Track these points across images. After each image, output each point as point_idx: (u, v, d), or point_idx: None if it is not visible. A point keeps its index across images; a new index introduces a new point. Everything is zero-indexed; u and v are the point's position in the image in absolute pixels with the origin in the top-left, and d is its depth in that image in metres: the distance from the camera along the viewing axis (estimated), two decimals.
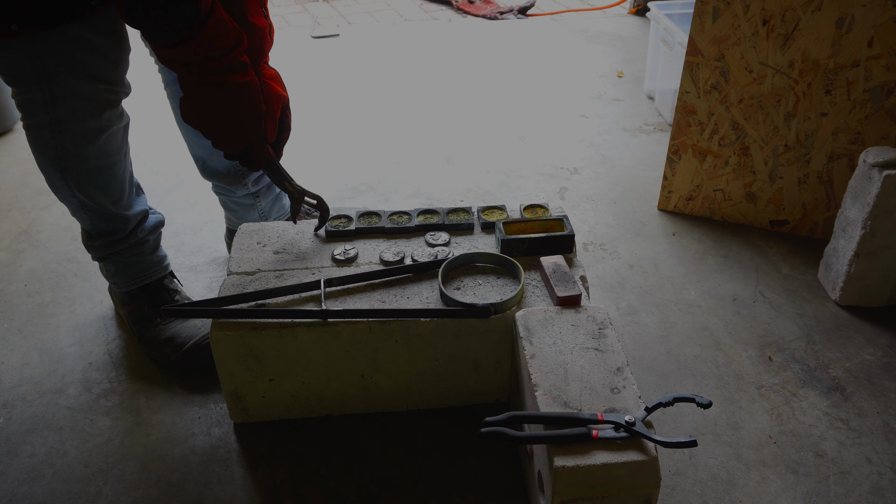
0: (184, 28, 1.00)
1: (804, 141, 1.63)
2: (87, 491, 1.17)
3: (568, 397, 0.99)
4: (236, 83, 1.10)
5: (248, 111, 1.14)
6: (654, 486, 0.92)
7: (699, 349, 1.42)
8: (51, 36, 1.13)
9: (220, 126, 1.15)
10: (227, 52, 1.06)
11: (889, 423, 1.26)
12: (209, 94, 1.10)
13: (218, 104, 1.11)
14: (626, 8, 3.37)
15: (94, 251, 1.40)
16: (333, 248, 1.30)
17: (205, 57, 1.05)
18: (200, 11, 1.00)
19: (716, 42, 1.60)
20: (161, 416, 1.30)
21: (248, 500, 1.14)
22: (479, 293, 1.20)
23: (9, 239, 1.80)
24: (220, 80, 1.08)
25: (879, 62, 1.49)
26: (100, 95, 1.22)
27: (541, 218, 1.32)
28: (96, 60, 1.19)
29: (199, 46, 1.02)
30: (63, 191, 1.29)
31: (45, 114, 1.20)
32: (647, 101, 2.46)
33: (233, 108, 1.12)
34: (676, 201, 1.83)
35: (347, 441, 1.23)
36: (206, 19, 1.01)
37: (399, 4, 3.55)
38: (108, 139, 1.27)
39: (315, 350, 1.18)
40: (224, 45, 1.05)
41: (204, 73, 1.07)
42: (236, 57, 1.08)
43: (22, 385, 1.37)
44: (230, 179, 1.53)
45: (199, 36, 1.01)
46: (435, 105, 2.47)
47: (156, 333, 1.40)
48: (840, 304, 1.52)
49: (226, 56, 1.06)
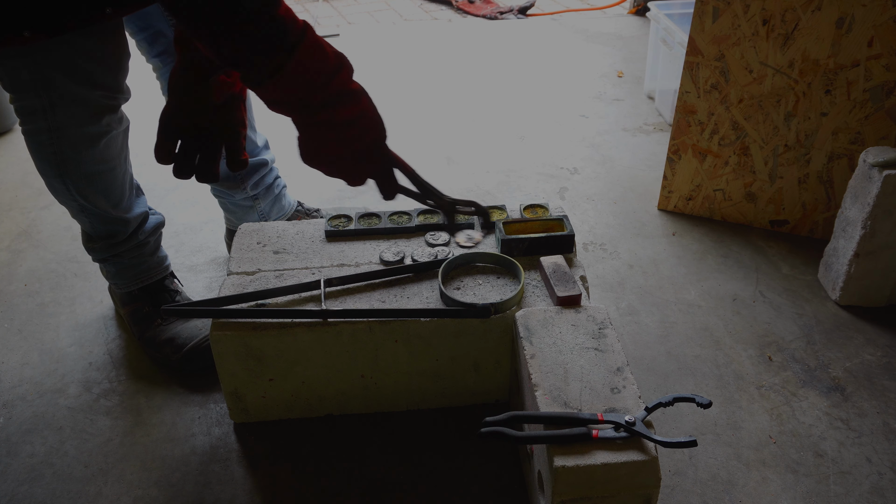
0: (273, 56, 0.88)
1: (804, 141, 1.63)
2: (87, 491, 1.17)
3: (568, 397, 0.99)
4: (348, 118, 0.97)
5: (367, 144, 1.02)
6: (654, 486, 0.92)
7: (699, 349, 1.42)
8: (50, 43, 1.11)
9: (341, 165, 1.03)
10: (329, 80, 0.93)
11: (889, 423, 1.26)
12: (322, 134, 0.98)
13: (333, 143, 0.99)
14: (626, 8, 3.37)
15: (95, 253, 1.40)
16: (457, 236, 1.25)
17: (306, 88, 0.92)
18: (288, 32, 0.88)
19: (716, 42, 1.60)
20: (161, 416, 1.30)
21: (248, 500, 1.14)
22: (479, 293, 1.20)
23: (9, 239, 1.80)
24: (329, 117, 0.95)
25: (879, 62, 1.49)
26: (98, 101, 1.22)
27: (541, 218, 1.32)
28: (95, 67, 1.18)
29: (295, 77, 0.90)
30: (63, 194, 1.29)
31: (44, 120, 1.19)
32: (647, 101, 2.46)
33: (350, 145, 1.00)
34: (676, 201, 1.83)
35: (347, 441, 1.23)
36: (296, 43, 0.89)
37: (399, 4, 3.55)
38: (107, 144, 1.26)
39: (315, 350, 1.18)
40: (324, 72, 0.92)
41: (310, 111, 0.95)
42: (342, 84, 0.95)
43: (22, 385, 1.37)
44: (229, 183, 1.53)
45: (293, 61, 0.88)
46: (435, 105, 2.47)
47: (156, 334, 1.40)
48: (840, 304, 1.52)
49: (329, 84, 0.93)
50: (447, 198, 1.15)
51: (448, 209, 1.18)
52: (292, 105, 0.94)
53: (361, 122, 0.99)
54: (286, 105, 0.94)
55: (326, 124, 0.96)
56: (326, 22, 3.32)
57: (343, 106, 0.96)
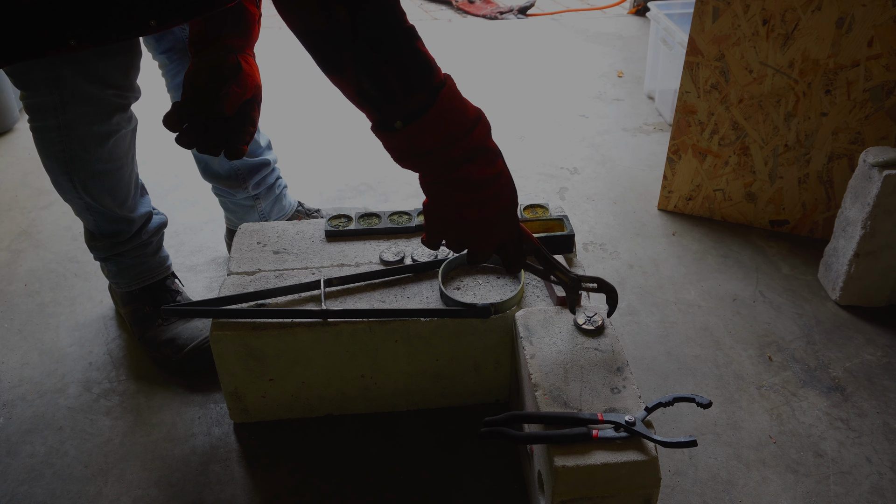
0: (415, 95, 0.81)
1: (804, 141, 1.63)
2: (87, 491, 1.17)
3: (568, 397, 0.99)
4: (487, 177, 0.88)
5: (502, 209, 0.92)
6: (654, 486, 0.92)
7: (699, 349, 1.42)
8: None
9: (470, 234, 0.93)
10: (468, 132, 0.85)
11: (889, 423, 1.26)
12: (455, 194, 0.89)
13: (467, 207, 0.89)
14: (626, 8, 3.37)
15: (98, 251, 1.40)
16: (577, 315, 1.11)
17: (444, 138, 0.84)
18: (434, 74, 0.82)
19: (716, 42, 1.60)
20: (161, 416, 1.30)
21: (248, 500, 1.14)
22: (479, 293, 1.20)
23: (9, 239, 1.80)
24: (467, 174, 0.87)
25: (879, 62, 1.49)
26: (109, 100, 1.22)
27: (541, 218, 1.32)
28: (107, 66, 1.18)
29: (435, 123, 0.83)
30: (69, 192, 1.29)
31: (54, 118, 1.19)
32: (647, 101, 2.46)
33: (484, 209, 0.90)
34: (676, 201, 1.83)
35: (347, 441, 1.23)
36: (440, 86, 0.82)
37: None
38: (116, 143, 1.26)
39: (315, 350, 1.18)
40: (464, 122, 0.85)
41: (448, 165, 0.86)
42: (482, 139, 0.87)
43: (22, 385, 1.37)
44: (231, 182, 1.53)
45: (433, 108, 0.82)
46: None
47: (156, 334, 1.40)
48: (840, 304, 1.52)
49: (468, 136, 0.85)
50: (572, 274, 1.06)
51: (572, 286, 1.07)
52: (425, 157, 0.86)
53: (498, 183, 0.90)
54: (418, 156, 0.86)
55: (462, 182, 0.87)
56: None
57: (481, 163, 0.87)
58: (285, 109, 2.38)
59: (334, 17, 0.77)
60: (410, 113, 0.82)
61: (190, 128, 1.10)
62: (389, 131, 0.84)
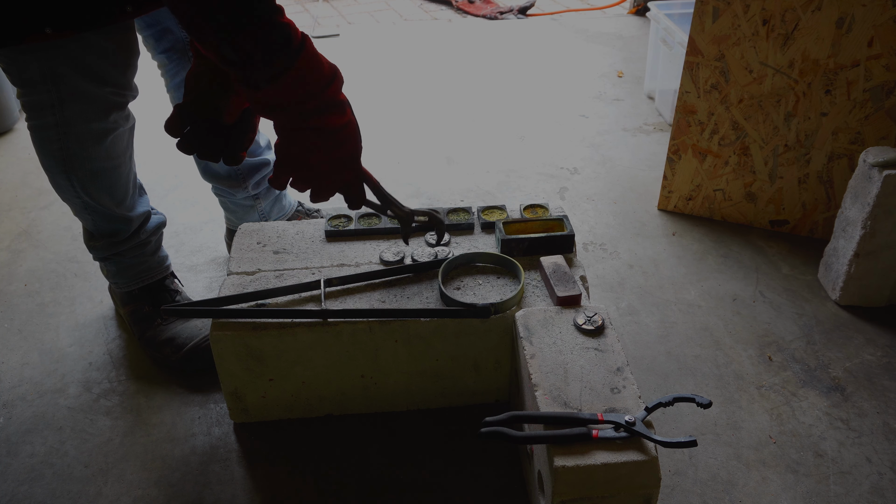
0: (275, 60, 0.90)
1: (804, 141, 1.63)
2: (87, 491, 1.17)
3: (568, 397, 0.99)
4: (337, 125, 1.00)
5: (348, 153, 1.04)
6: (654, 486, 0.92)
7: (699, 349, 1.42)
8: (62, 38, 1.11)
9: (318, 173, 1.04)
10: (324, 89, 0.96)
11: (889, 423, 1.26)
12: (308, 140, 1.00)
13: (318, 151, 1.01)
14: (626, 8, 3.37)
15: (97, 251, 1.40)
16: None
17: (301, 95, 0.95)
18: (292, 40, 0.91)
19: (716, 42, 1.60)
20: (161, 416, 1.30)
21: (248, 500, 1.14)
22: (479, 293, 1.20)
23: (9, 239, 1.80)
24: (320, 123, 0.98)
25: (879, 62, 1.49)
26: (107, 98, 1.22)
27: (541, 218, 1.32)
28: (105, 64, 1.19)
29: (294, 81, 0.93)
30: (67, 191, 1.29)
31: (52, 115, 1.19)
32: (647, 101, 2.46)
33: (333, 153, 1.02)
34: (676, 201, 1.83)
35: (347, 441, 1.23)
36: (298, 49, 0.92)
37: (399, 4, 3.56)
38: (113, 141, 1.26)
39: (315, 350, 1.18)
40: (320, 79, 0.95)
41: (303, 116, 0.97)
42: (335, 94, 0.98)
43: (22, 385, 1.37)
44: (231, 182, 1.53)
45: (293, 68, 0.91)
46: (435, 105, 2.47)
47: (156, 334, 1.40)
48: (840, 304, 1.52)
49: (323, 93, 0.96)
50: (406, 209, 1.18)
51: (406, 219, 1.18)
52: (286, 109, 0.96)
53: (347, 130, 1.02)
54: (280, 109, 0.96)
55: (315, 130, 0.99)
56: (326, 22, 3.32)
57: (334, 114, 0.98)
58: None
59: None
60: (270, 76, 0.91)
61: (190, 133, 1.11)
62: (252, 88, 0.93)
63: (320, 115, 0.98)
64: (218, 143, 1.13)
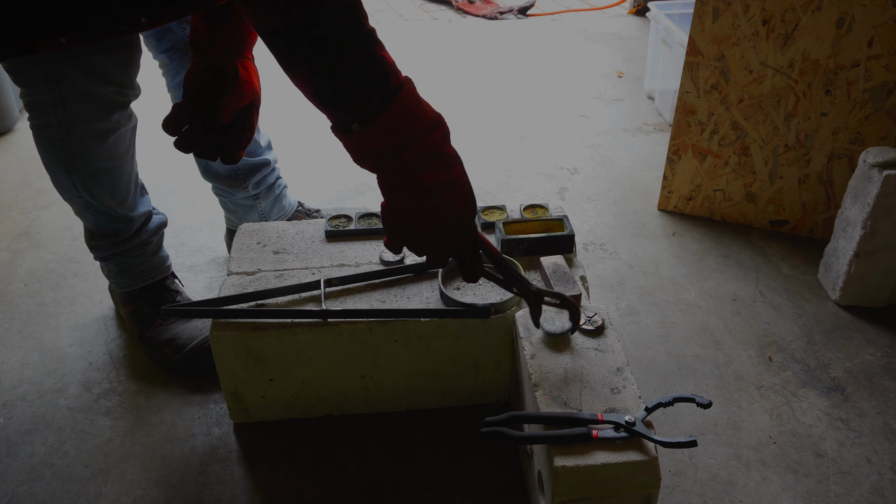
0: (369, 98, 0.82)
1: (804, 141, 1.63)
2: (87, 491, 1.17)
3: (568, 397, 0.99)
4: (438, 183, 0.89)
5: (455, 216, 0.93)
6: (654, 486, 0.92)
7: (699, 349, 1.42)
8: None
9: (424, 235, 0.94)
10: (422, 138, 0.86)
11: (889, 423, 1.26)
12: (407, 196, 0.90)
13: (418, 209, 0.91)
14: (626, 8, 3.37)
15: (98, 251, 1.40)
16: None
17: (396, 143, 0.85)
18: (390, 78, 0.83)
19: (716, 42, 1.60)
20: (161, 416, 1.30)
21: (248, 500, 1.14)
22: (479, 293, 1.20)
23: (9, 239, 1.80)
24: (419, 176, 0.88)
25: (879, 62, 1.49)
26: (109, 97, 1.22)
27: (541, 218, 1.32)
28: (107, 63, 1.19)
29: (389, 126, 0.84)
30: (69, 191, 1.29)
31: (54, 115, 1.19)
32: (647, 101, 2.46)
33: (436, 213, 0.91)
34: (676, 201, 1.83)
35: (347, 441, 1.23)
36: (395, 90, 0.84)
37: (399, 4, 3.55)
38: (116, 141, 1.27)
39: (315, 350, 1.18)
40: (419, 126, 0.86)
41: (400, 168, 0.87)
42: (436, 145, 0.88)
43: (22, 385, 1.37)
44: (231, 182, 1.53)
45: (387, 112, 0.83)
46: (435, 105, 2.46)
47: (156, 334, 1.40)
48: (840, 304, 1.52)
49: (423, 142, 0.86)
50: (533, 287, 1.05)
51: (534, 300, 1.05)
52: (380, 159, 0.88)
53: (452, 189, 0.91)
54: (373, 158, 0.88)
55: (413, 186, 0.89)
56: None
57: (434, 168, 0.88)
58: (286, 109, 2.37)
59: (290, 18, 0.79)
60: (365, 116, 0.83)
61: (188, 132, 1.11)
62: (346, 132, 0.85)
63: (419, 168, 0.87)
64: (215, 141, 1.12)
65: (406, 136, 0.85)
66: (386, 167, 0.89)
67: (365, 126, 0.84)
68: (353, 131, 0.85)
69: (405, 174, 0.88)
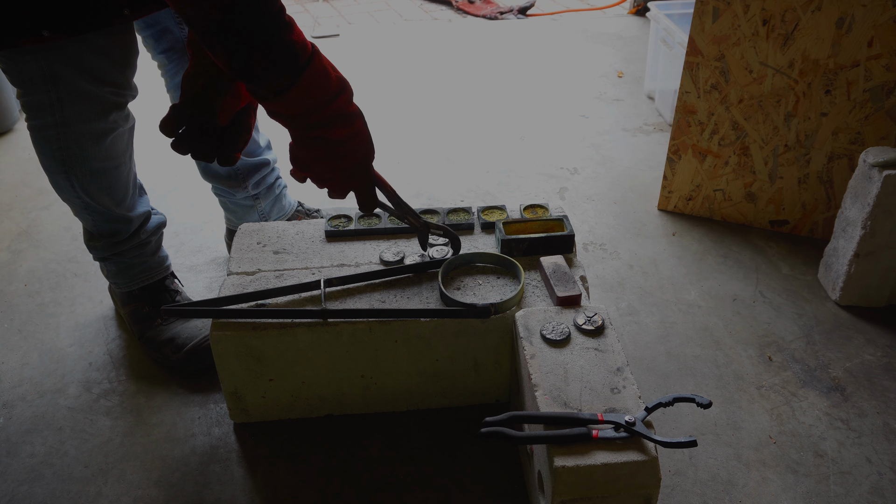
0: (280, 77, 0.93)
1: (804, 141, 1.63)
2: (87, 491, 1.17)
3: (568, 397, 0.99)
4: (341, 137, 1.02)
5: (355, 163, 1.06)
6: (654, 486, 0.92)
7: (699, 349, 1.42)
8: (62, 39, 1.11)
9: (327, 178, 1.08)
10: (328, 103, 0.98)
11: (889, 423, 1.26)
12: (313, 148, 1.03)
13: (323, 159, 1.04)
14: (626, 8, 3.37)
15: (97, 251, 1.40)
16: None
17: (306, 109, 0.97)
18: (298, 58, 0.93)
19: (716, 42, 1.60)
20: (161, 416, 1.30)
21: (248, 500, 1.14)
22: (479, 293, 1.20)
23: (9, 239, 1.80)
24: (323, 134, 1.00)
25: (879, 62, 1.49)
26: (106, 98, 1.22)
27: (541, 218, 1.32)
28: (104, 64, 1.19)
29: (297, 96, 0.95)
30: (67, 191, 1.29)
31: (51, 115, 1.19)
32: (647, 101, 2.46)
33: (339, 162, 1.05)
34: (676, 201, 1.83)
35: (347, 441, 1.23)
36: (304, 66, 0.94)
37: (399, 4, 3.56)
38: (113, 141, 1.26)
39: (315, 350, 1.18)
40: (325, 95, 0.97)
41: (307, 127, 1.00)
42: (341, 107, 1.00)
43: (22, 385, 1.37)
44: (231, 182, 1.53)
45: (297, 86, 0.94)
46: (435, 105, 2.47)
47: (156, 334, 1.40)
48: (840, 304, 1.52)
49: (328, 107, 0.98)
50: (422, 219, 1.21)
51: (422, 230, 1.22)
52: (290, 120, 0.99)
53: (352, 142, 1.03)
54: (283, 118, 0.99)
55: (320, 140, 1.01)
56: (326, 22, 3.32)
57: (338, 126, 1.00)
58: None
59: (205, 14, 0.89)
60: (276, 90, 0.94)
61: (185, 133, 1.12)
62: (261, 99, 0.97)
63: (323, 128, 0.99)
64: (212, 143, 1.14)
65: (314, 103, 0.97)
66: (296, 126, 1.00)
67: (279, 97, 0.95)
68: (268, 100, 0.96)
69: (312, 131, 1.00)
